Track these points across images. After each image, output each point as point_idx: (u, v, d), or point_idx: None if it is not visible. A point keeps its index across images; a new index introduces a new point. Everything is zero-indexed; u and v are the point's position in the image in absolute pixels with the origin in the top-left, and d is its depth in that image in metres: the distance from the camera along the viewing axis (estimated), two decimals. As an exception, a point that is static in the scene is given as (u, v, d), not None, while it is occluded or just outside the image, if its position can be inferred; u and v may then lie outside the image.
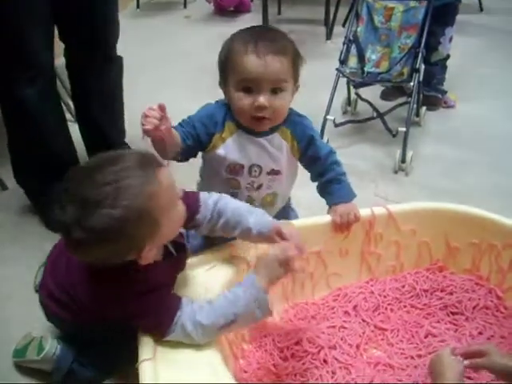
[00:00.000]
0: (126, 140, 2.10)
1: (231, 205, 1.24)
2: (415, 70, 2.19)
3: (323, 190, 1.43)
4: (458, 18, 2.48)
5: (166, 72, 3.05)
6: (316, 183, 1.45)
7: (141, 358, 1.02)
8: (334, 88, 2.31)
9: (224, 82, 1.31)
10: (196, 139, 1.32)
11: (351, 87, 2.47)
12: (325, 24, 3.68)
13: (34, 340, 1.31)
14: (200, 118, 1.33)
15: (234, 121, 1.33)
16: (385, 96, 2.67)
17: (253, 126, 1.31)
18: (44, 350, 1.28)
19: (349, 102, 2.61)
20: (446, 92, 2.66)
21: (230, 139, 1.34)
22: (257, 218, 1.22)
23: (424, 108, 2.51)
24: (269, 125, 1.31)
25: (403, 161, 2.14)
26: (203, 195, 1.24)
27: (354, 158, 2.23)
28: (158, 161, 1.04)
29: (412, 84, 2.20)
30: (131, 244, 1.00)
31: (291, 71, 1.28)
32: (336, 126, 2.33)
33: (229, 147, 1.34)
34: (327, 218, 1.39)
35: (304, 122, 1.38)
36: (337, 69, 2.28)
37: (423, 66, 2.44)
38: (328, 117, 2.29)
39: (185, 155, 1.32)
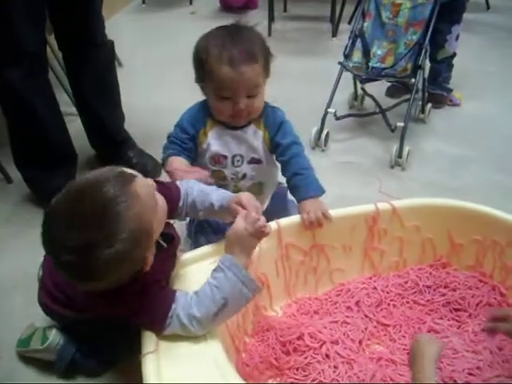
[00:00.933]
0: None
1: (196, 186, 1.27)
2: (418, 67, 2.18)
3: (290, 186, 1.45)
4: (465, 16, 2.48)
5: (170, 68, 3.03)
6: (285, 179, 1.47)
7: (144, 351, 1.02)
8: (337, 81, 2.31)
9: (201, 80, 1.40)
10: (192, 139, 1.43)
11: (358, 82, 2.47)
12: (330, 21, 3.66)
13: (37, 330, 1.33)
14: (188, 120, 1.44)
15: (212, 117, 1.42)
16: (390, 93, 2.66)
17: (231, 123, 1.41)
18: (48, 340, 1.29)
19: (355, 97, 2.61)
20: (451, 90, 2.65)
21: (211, 133, 1.43)
22: (218, 193, 1.26)
23: (429, 105, 2.51)
24: (246, 120, 1.41)
25: (400, 156, 2.15)
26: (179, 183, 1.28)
27: (353, 151, 2.26)
28: (128, 174, 1.00)
29: (414, 80, 2.20)
30: (136, 263, 1.00)
31: (263, 73, 1.37)
32: (337, 118, 2.34)
33: (211, 140, 1.43)
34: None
35: (276, 112, 1.46)
36: (339, 62, 2.29)
37: (428, 63, 2.44)
38: (329, 110, 2.31)
39: (192, 159, 1.44)
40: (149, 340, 1.05)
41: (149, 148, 2.14)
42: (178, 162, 1.39)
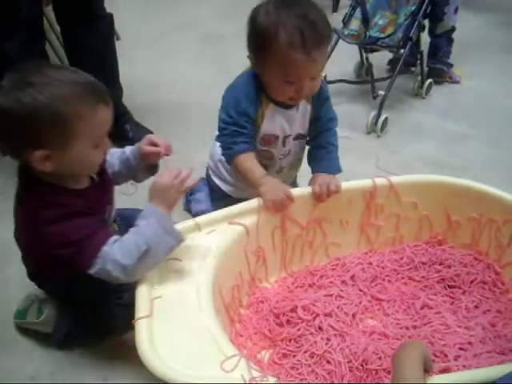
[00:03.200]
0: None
1: (116, 154, 1.30)
2: (409, 38, 2.20)
3: (311, 155, 1.46)
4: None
5: (170, 41, 3.02)
6: (308, 148, 1.48)
7: (137, 316, 1.03)
8: (332, 48, 2.31)
9: (260, 61, 1.31)
10: (252, 122, 1.35)
11: (363, 52, 2.48)
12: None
13: (34, 303, 1.33)
14: (246, 100, 1.34)
15: (265, 94, 1.35)
16: (391, 64, 2.66)
17: (288, 102, 1.36)
18: (43, 314, 1.30)
19: (362, 65, 2.61)
20: (451, 65, 2.64)
21: (267, 112, 1.37)
22: (130, 148, 1.29)
23: (429, 81, 2.51)
24: (303, 99, 1.37)
25: (376, 123, 2.18)
26: None
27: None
28: (106, 98, 1.07)
29: (402, 51, 2.22)
30: (32, 136, 1.01)
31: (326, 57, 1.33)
32: (328, 82, 2.32)
33: (266, 120, 1.38)
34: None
35: (324, 87, 1.42)
36: (334, 29, 2.27)
37: (426, 38, 2.42)
38: None
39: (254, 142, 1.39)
40: (142, 305, 1.05)
41: (146, 121, 2.13)
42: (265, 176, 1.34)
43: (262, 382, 0.93)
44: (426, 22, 2.56)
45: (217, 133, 1.42)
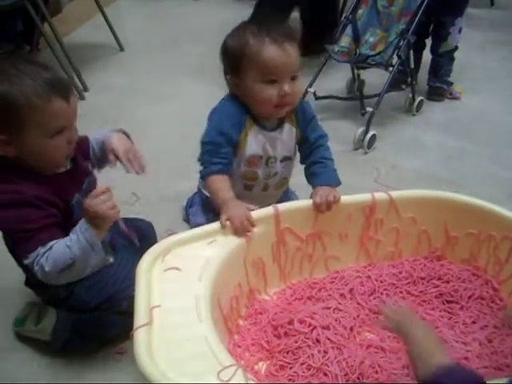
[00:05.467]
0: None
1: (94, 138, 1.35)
2: (398, 56, 2.22)
3: (308, 172, 1.48)
4: (469, 11, 2.50)
5: (172, 54, 3.05)
6: (304, 166, 1.50)
7: (136, 325, 1.03)
8: (323, 64, 2.36)
9: (237, 76, 1.35)
10: (231, 143, 1.38)
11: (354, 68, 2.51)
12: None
13: (33, 310, 1.33)
14: (228, 122, 1.37)
15: (249, 115, 1.38)
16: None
17: (273, 114, 1.38)
18: (42, 321, 1.30)
19: (353, 81, 2.62)
20: (452, 83, 2.67)
21: (250, 133, 1.40)
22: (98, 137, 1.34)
23: (419, 98, 2.52)
24: (287, 110, 1.38)
25: (363, 139, 2.20)
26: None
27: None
28: (66, 94, 1.12)
29: (391, 69, 2.24)
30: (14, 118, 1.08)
31: (299, 56, 1.34)
32: (316, 98, 2.37)
33: (250, 142, 1.40)
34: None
35: (307, 107, 1.47)
36: (324, 46, 2.33)
37: (424, 55, 2.45)
38: (309, 89, 2.36)
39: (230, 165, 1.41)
40: (141, 314, 1.05)
41: (145, 129, 2.13)
42: (236, 202, 1.32)
43: (259, 393, 0.93)
44: (428, 41, 2.60)
45: None
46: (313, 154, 1.47)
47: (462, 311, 1.37)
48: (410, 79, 2.45)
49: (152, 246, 1.22)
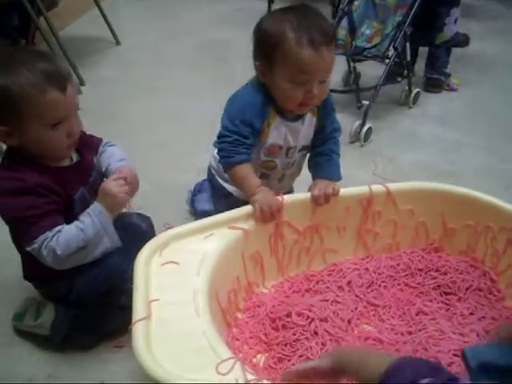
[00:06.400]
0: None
1: (111, 154, 1.35)
2: (394, 48, 2.22)
3: (313, 162, 1.48)
4: (465, 1, 2.48)
5: (169, 47, 3.04)
6: (309, 154, 1.49)
7: (134, 319, 1.03)
8: None
9: (267, 68, 1.30)
10: (256, 133, 1.35)
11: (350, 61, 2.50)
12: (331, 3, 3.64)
13: (32, 305, 1.34)
14: (252, 111, 1.33)
15: (273, 105, 1.35)
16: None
17: (296, 111, 1.36)
18: (41, 316, 1.30)
19: (350, 74, 2.62)
20: (449, 75, 2.66)
21: (273, 124, 1.38)
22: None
23: (416, 90, 2.52)
24: (311, 108, 1.37)
25: (359, 131, 2.20)
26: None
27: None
28: (62, 85, 1.12)
29: (387, 60, 2.24)
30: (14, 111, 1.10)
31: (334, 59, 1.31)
32: None
33: (272, 131, 1.38)
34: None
35: (330, 99, 1.44)
36: None
37: (408, 46, 2.44)
38: None
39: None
40: (140, 308, 1.06)
41: (144, 125, 2.13)
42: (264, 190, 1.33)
43: (257, 384, 0.94)
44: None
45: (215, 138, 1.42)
46: (323, 145, 1.46)
47: (459, 303, 1.37)
48: (406, 71, 2.45)
49: (150, 240, 1.22)
